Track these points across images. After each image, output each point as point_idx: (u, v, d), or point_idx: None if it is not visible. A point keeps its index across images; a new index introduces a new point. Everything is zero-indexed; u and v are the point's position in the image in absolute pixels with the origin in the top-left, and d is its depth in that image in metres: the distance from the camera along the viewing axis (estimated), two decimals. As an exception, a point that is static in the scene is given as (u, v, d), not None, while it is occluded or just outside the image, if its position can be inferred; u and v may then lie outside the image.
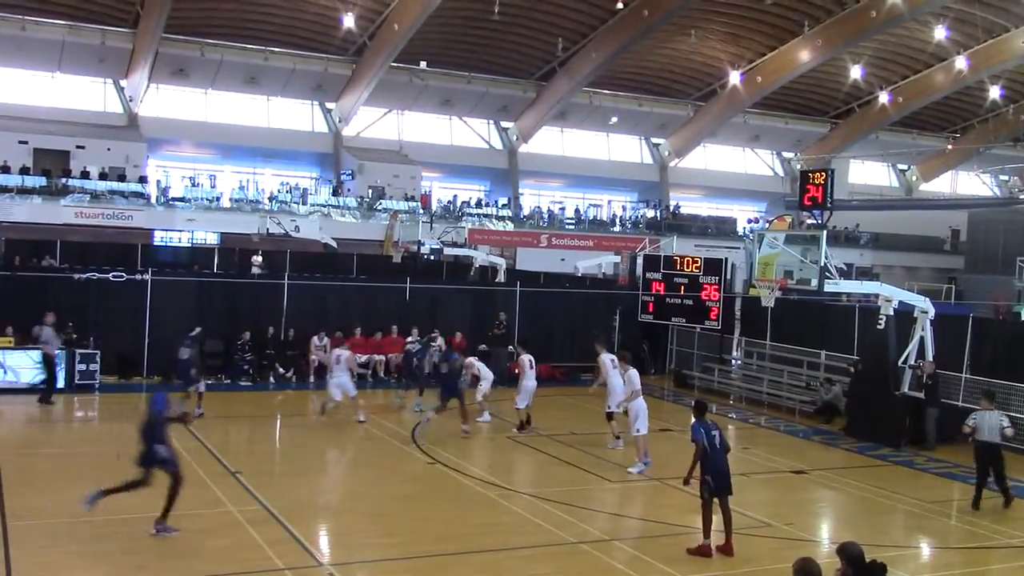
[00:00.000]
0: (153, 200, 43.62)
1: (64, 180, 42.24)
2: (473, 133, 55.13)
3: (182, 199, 44.43)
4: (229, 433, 18.62)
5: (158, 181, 45.28)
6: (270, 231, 39.20)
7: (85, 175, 42.87)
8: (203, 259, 37.05)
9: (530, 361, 19.56)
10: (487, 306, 26.66)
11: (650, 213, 55.96)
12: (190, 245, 42.01)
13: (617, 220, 55.25)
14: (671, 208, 56.94)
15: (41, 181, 41.99)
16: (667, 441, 18.98)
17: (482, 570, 11.21)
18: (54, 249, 33.24)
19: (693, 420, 12.45)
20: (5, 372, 20.22)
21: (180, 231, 42.87)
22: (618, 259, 38.14)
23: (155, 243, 41.21)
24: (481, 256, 37.10)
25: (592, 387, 19.12)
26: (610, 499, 15.08)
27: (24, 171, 42.35)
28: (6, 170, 41.95)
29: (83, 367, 21.15)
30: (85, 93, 47.12)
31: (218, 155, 49.48)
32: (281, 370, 23.77)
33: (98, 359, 21.39)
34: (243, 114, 49.24)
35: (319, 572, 10.95)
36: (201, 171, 48.09)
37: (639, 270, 29.07)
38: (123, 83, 46.66)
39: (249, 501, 13.36)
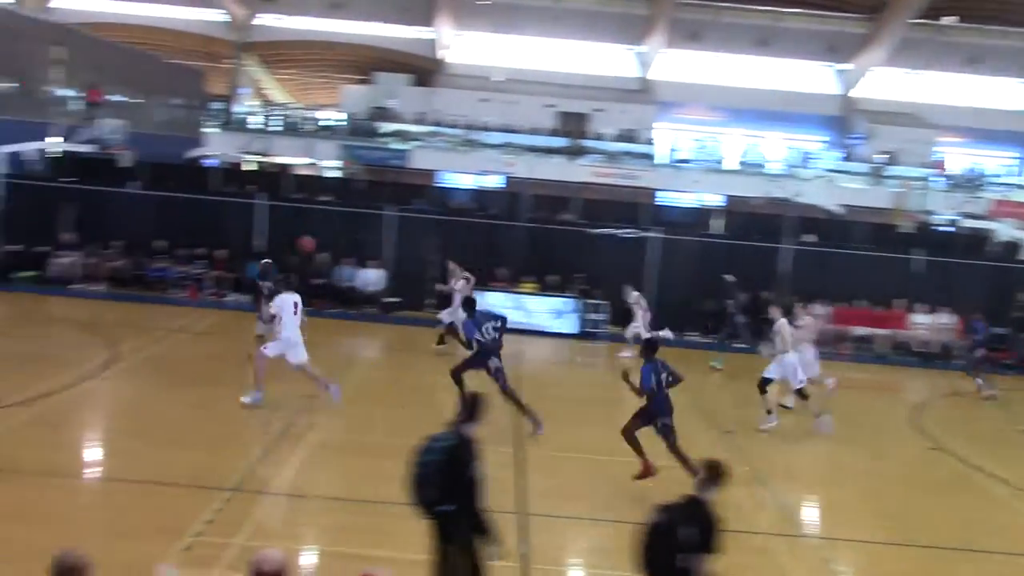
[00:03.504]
0: (661, 161, 45.32)
1: (583, 141, 45.48)
2: (1004, 94, 49.82)
3: (688, 161, 45.61)
4: (724, 392, 18.84)
5: (667, 143, 46.93)
6: (772, 195, 38.84)
7: (601, 137, 45.75)
8: (706, 220, 37.65)
9: None
10: (1007, 285, 24.10)
11: None
12: (694, 206, 42.99)
13: None
14: None
15: (563, 142, 45.60)
16: None
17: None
18: (572, 205, 35.80)
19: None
20: (528, 315, 22.29)
21: (684, 192, 44.04)
22: None
23: (659, 203, 42.76)
24: (1006, 230, 33.52)
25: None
26: None
27: (551, 132, 46.35)
28: (535, 132, 46.15)
29: (591, 316, 22.70)
30: (605, 59, 50.06)
31: (726, 118, 49.96)
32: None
33: (605, 310, 22.78)
34: (751, 77, 49.15)
35: (803, 542, 10.73)
36: (708, 134, 48.92)
37: None
38: (639, 49, 48.80)
39: (739, 461, 13.45)
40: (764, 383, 15.19)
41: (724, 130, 49.64)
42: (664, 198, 43.41)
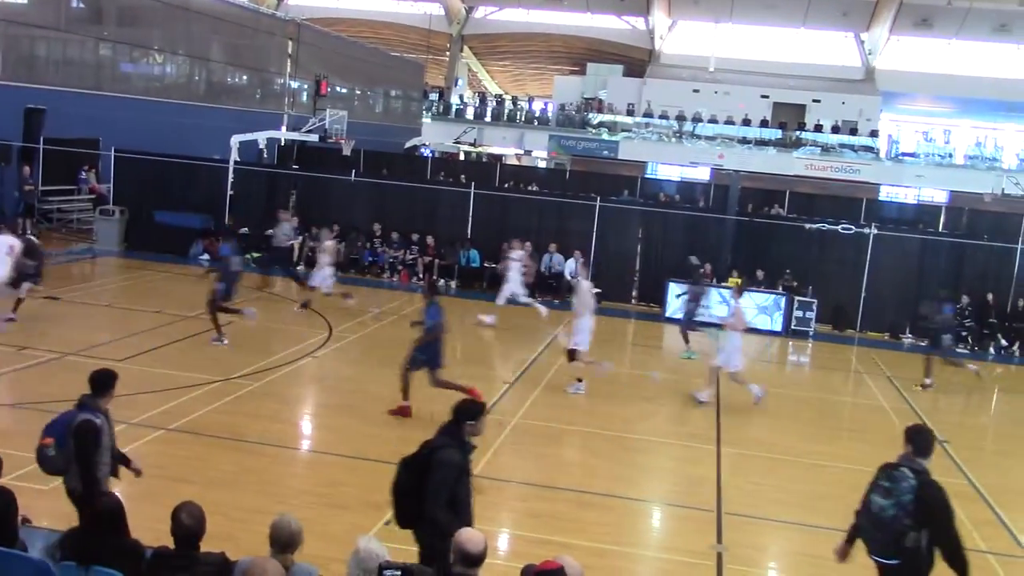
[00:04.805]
0: (882, 155, 43.24)
1: (798, 133, 43.99)
2: None
3: (912, 154, 43.31)
4: (938, 400, 17.83)
5: (889, 135, 44.74)
6: (1005, 191, 36.29)
7: (818, 128, 44.09)
8: (928, 217, 35.70)
9: None
10: None
11: None
12: (916, 202, 40.85)
13: None
14: None
15: (776, 133, 44.29)
16: None
17: None
18: (782, 199, 34.67)
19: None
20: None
21: (907, 187, 41.89)
22: None
23: (879, 198, 40.84)
24: None
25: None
26: None
27: (763, 123, 45.07)
28: (747, 122, 45.00)
29: (800, 314, 21.91)
30: (824, 48, 48.19)
31: (955, 108, 47.12)
32: (1004, 342, 22.04)
33: (815, 308, 21.95)
34: (985, 65, 46.03)
35: (1025, 564, 9.99)
36: (935, 125, 46.29)
37: None
38: (863, 36, 46.67)
39: (954, 474, 12.67)
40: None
41: (954, 122, 46.82)
42: (888, 193, 41.40)
